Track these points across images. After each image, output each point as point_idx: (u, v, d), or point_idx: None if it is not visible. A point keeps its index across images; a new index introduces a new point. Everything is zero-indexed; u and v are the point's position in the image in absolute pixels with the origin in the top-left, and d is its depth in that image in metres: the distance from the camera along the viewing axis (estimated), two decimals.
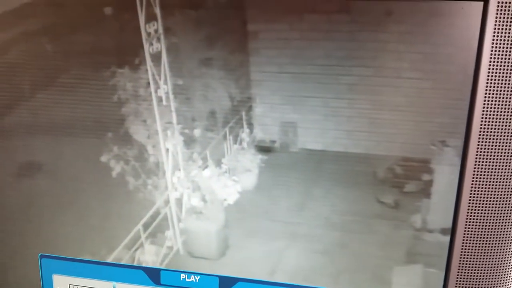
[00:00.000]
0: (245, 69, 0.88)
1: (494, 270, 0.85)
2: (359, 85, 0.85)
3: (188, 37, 0.89)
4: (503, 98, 0.77)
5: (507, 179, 0.80)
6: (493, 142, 0.79)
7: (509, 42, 0.75)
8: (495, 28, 0.74)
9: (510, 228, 0.83)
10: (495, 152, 0.79)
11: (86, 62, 0.93)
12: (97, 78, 0.93)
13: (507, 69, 0.76)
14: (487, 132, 0.79)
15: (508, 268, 0.86)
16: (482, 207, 0.83)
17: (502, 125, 0.78)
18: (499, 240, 0.83)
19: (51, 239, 1.04)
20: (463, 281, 0.88)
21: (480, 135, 0.80)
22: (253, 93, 0.89)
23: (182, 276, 0.97)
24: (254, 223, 0.96)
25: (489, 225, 0.83)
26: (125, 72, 0.92)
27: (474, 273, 0.87)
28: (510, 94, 0.76)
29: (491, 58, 0.76)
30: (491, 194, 0.81)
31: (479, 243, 0.85)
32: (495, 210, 0.82)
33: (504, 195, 0.81)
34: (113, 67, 0.92)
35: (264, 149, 0.91)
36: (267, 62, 0.87)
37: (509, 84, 0.76)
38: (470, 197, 0.83)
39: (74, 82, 0.95)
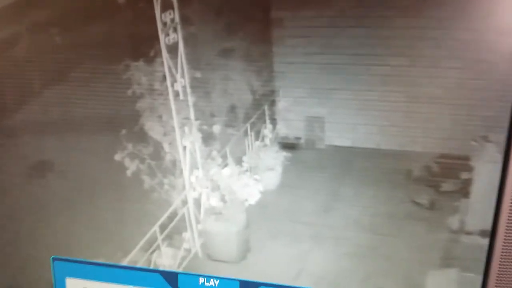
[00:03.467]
0: (268, 60, 0.82)
1: None
2: (393, 76, 0.77)
3: (206, 26, 0.83)
4: None
5: None
6: None
7: None
8: None
9: None
10: None
11: (99, 55, 0.87)
12: (110, 72, 0.87)
13: None
14: None
15: None
16: None
17: None
18: None
19: (64, 241, 0.98)
20: (504, 286, 0.81)
21: None
22: (277, 85, 0.84)
23: (201, 280, 0.89)
24: (277, 225, 0.90)
25: None
26: (140, 65, 0.86)
27: None
28: None
29: None
30: None
31: None
32: None
33: None
34: (127, 60, 0.85)
35: (288, 146, 0.87)
36: (292, 52, 0.80)
37: None
38: None
39: (85, 76, 0.89)
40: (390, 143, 0.82)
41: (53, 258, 0.98)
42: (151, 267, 0.96)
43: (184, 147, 0.90)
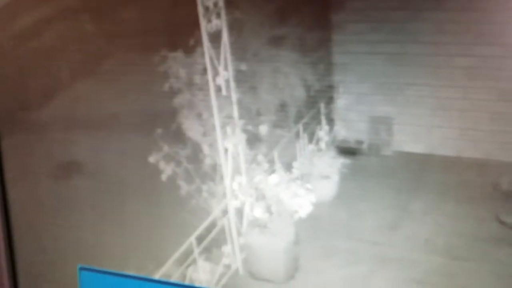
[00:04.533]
0: (326, 50, 0.76)
1: None
2: (479, 69, 0.69)
3: (255, 11, 0.77)
4: None
5: None
6: None
7: None
8: None
9: None
10: None
11: (132, 45, 0.83)
12: (144, 64, 0.84)
13: None
14: None
15: None
16: None
17: None
18: None
19: (92, 249, 0.92)
20: None
21: None
22: (335, 80, 0.78)
23: None
24: (331, 242, 0.84)
25: None
26: (178, 56, 0.83)
27: None
28: None
29: None
30: None
31: None
32: None
33: None
34: (163, 51, 0.82)
35: (347, 151, 0.81)
36: (354, 40, 0.74)
37: None
38: None
39: (117, 69, 0.85)
40: (473, 150, 0.75)
41: (80, 267, 0.95)
42: (186, 282, 0.90)
43: (226, 150, 0.86)
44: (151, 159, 0.87)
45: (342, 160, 0.81)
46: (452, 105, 0.73)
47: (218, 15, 0.79)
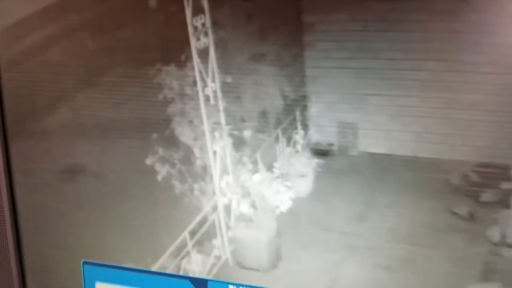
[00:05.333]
0: (300, 64, 0.80)
1: None
2: (430, 81, 0.74)
3: (238, 31, 0.82)
4: None
5: None
6: None
7: None
8: None
9: None
10: None
11: (130, 59, 0.87)
12: (141, 76, 0.87)
13: None
14: None
15: None
16: None
17: None
18: None
19: (95, 245, 0.97)
20: None
21: None
22: (309, 91, 0.81)
23: (231, 287, 0.90)
24: (309, 233, 0.87)
25: None
26: (171, 70, 0.85)
27: None
28: None
29: None
30: None
31: None
32: None
33: None
34: (158, 65, 0.85)
35: (320, 152, 0.84)
36: (324, 56, 0.78)
37: None
38: None
39: (117, 80, 0.89)
40: (426, 150, 0.78)
41: (83, 262, 1.00)
42: (181, 273, 0.94)
43: (215, 152, 0.89)
44: (148, 161, 0.89)
45: (316, 160, 0.83)
46: (408, 112, 0.77)
47: (206, 34, 0.83)
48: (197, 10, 0.83)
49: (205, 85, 0.87)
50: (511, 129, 0.75)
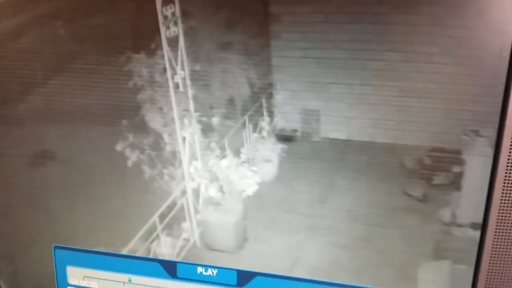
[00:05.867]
0: (266, 54, 0.82)
1: None
2: (387, 71, 0.77)
3: (206, 21, 0.83)
4: None
5: None
6: None
7: None
8: None
9: None
10: None
11: (100, 47, 0.87)
12: (112, 64, 0.87)
13: None
14: None
15: None
16: None
17: None
18: None
19: (65, 230, 0.98)
20: (494, 278, 0.80)
21: None
22: (274, 79, 0.83)
23: (199, 269, 0.92)
24: (273, 215, 0.89)
25: None
26: (141, 58, 0.86)
27: (506, 269, 0.80)
28: None
29: None
30: None
31: None
32: None
33: None
34: (128, 52, 0.86)
35: (285, 138, 0.86)
36: (289, 46, 0.80)
37: None
38: (504, 190, 0.75)
39: (88, 68, 0.89)
40: (383, 136, 0.81)
41: (54, 246, 1.00)
42: (151, 256, 0.96)
43: (184, 138, 0.90)
44: (118, 147, 0.90)
45: (281, 146, 0.85)
46: (367, 100, 0.79)
47: (176, 23, 0.83)
48: (167, 0, 0.84)
49: (174, 72, 0.88)
50: (462, 116, 0.78)
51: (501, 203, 0.78)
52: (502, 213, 0.78)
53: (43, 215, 1.00)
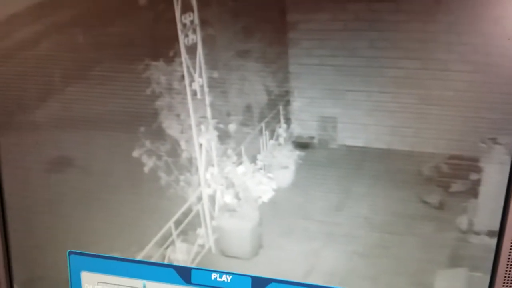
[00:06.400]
0: (283, 61, 0.82)
1: None
2: (404, 78, 0.78)
3: (224, 29, 0.83)
4: None
5: None
6: None
7: None
8: None
9: None
10: None
11: (120, 55, 0.88)
12: (130, 71, 0.88)
13: None
14: None
15: None
16: None
17: None
18: None
19: (80, 236, 0.98)
20: (510, 285, 0.82)
21: None
22: (291, 86, 0.83)
23: (214, 275, 0.92)
24: (289, 222, 0.89)
25: None
26: (159, 65, 0.86)
27: None
28: None
29: None
30: None
31: None
32: None
33: None
34: (147, 60, 0.86)
35: (301, 145, 0.86)
36: (306, 54, 0.81)
37: None
38: None
39: (106, 75, 0.90)
40: (401, 143, 0.81)
41: (69, 252, 1.01)
42: (165, 262, 0.95)
43: (200, 145, 0.90)
44: (135, 153, 0.90)
45: (297, 153, 0.85)
46: (384, 107, 0.79)
47: (194, 31, 0.84)
48: (186, 8, 0.85)
49: (192, 80, 0.88)
50: (480, 123, 0.78)
51: None
52: None
53: (58, 220, 1.00)
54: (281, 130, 0.88)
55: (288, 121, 0.87)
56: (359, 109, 0.82)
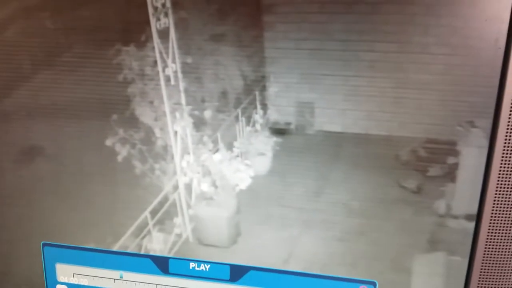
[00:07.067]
0: (259, 45, 0.80)
1: None
2: (381, 62, 0.76)
3: (197, 11, 0.81)
4: None
5: None
6: None
7: None
8: None
9: None
10: None
11: (89, 40, 0.85)
12: (101, 57, 0.85)
13: None
14: None
15: None
16: (511, 191, 0.78)
17: None
18: None
19: (54, 227, 0.96)
20: (488, 269, 0.80)
21: (510, 114, 0.72)
22: (267, 71, 0.82)
23: (192, 264, 0.91)
24: (267, 210, 0.88)
25: None
26: (131, 50, 0.84)
27: (500, 261, 0.80)
28: None
29: None
30: None
31: (506, 230, 0.79)
32: None
33: None
34: (118, 45, 0.84)
35: (278, 131, 0.85)
36: (282, 37, 0.79)
37: None
38: (498, 181, 0.76)
39: (76, 61, 0.87)
40: (378, 128, 0.80)
41: (43, 243, 0.99)
42: (142, 252, 0.94)
43: (175, 132, 0.88)
44: (108, 142, 0.88)
45: (274, 139, 0.84)
46: (361, 92, 0.78)
47: (166, 14, 0.81)
48: None
49: (165, 65, 0.86)
50: (457, 107, 0.78)
51: (495, 194, 0.78)
52: (497, 204, 0.78)
53: (31, 212, 0.98)
54: (258, 116, 0.86)
55: (264, 107, 0.85)
56: (336, 94, 0.81)
